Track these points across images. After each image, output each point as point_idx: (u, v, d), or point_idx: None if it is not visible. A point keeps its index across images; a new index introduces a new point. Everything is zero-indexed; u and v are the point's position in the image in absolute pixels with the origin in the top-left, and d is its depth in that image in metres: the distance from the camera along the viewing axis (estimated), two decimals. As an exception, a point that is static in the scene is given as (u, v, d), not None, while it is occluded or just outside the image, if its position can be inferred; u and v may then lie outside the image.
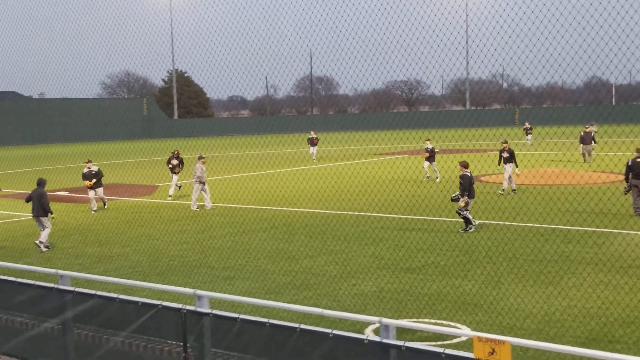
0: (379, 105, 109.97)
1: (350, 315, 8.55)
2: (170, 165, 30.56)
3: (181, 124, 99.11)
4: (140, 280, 14.94)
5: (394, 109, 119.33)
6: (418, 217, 22.58)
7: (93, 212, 27.00)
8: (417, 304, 13.34)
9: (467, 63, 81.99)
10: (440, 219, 22.12)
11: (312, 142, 49.51)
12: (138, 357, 9.11)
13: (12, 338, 10.44)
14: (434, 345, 7.37)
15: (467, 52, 78.73)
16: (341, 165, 42.56)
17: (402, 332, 11.09)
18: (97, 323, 9.47)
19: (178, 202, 28.72)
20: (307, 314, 11.19)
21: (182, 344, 8.58)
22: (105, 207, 27.90)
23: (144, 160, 52.75)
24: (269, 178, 34.57)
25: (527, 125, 57.15)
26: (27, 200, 20.86)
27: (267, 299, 12.78)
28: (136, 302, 8.98)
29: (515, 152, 28.87)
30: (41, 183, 20.64)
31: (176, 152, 30.83)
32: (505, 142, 28.64)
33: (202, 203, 26.90)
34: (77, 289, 9.66)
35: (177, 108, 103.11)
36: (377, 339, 7.25)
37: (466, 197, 20.39)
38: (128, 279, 15.20)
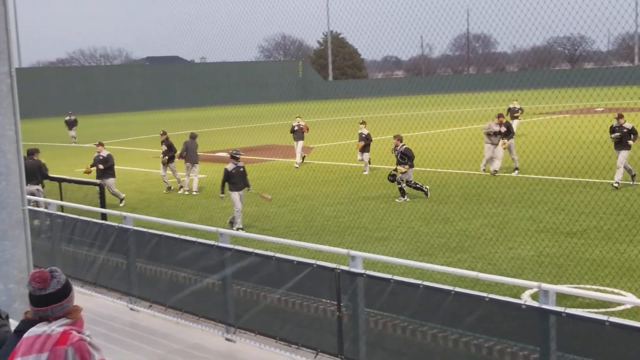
0: (539, 63, 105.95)
1: (507, 279, 8.33)
2: (162, 154, 23.84)
3: (336, 85, 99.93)
4: (296, 240, 15.25)
5: (556, 66, 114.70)
6: (580, 179, 21.65)
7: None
8: (578, 269, 12.84)
9: (637, 15, 77.45)
10: (605, 181, 21.12)
11: (296, 133, 29.46)
12: (294, 314, 9.31)
13: (177, 293, 10.96)
14: (596, 313, 7.06)
15: (636, 3, 74.28)
16: (498, 126, 41.45)
17: (561, 298, 10.70)
18: (255, 280, 9.76)
19: (329, 163, 28.99)
20: (461, 277, 11.03)
21: (336, 302, 8.68)
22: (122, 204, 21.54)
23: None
24: (423, 139, 34.22)
25: (516, 105, 36.73)
26: (182, 154, 23.38)
27: (421, 261, 12.70)
28: (292, 261, 9.16)
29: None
30: (195, 136, 24.03)
31: (164, 134, 23.99)
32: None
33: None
34: (236, 247, 9.98)
35: (331, 70, 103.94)
36: (535, 304, 7.02)
37: (407, 167, 20.32)
38: (284, 238, 15.58)
